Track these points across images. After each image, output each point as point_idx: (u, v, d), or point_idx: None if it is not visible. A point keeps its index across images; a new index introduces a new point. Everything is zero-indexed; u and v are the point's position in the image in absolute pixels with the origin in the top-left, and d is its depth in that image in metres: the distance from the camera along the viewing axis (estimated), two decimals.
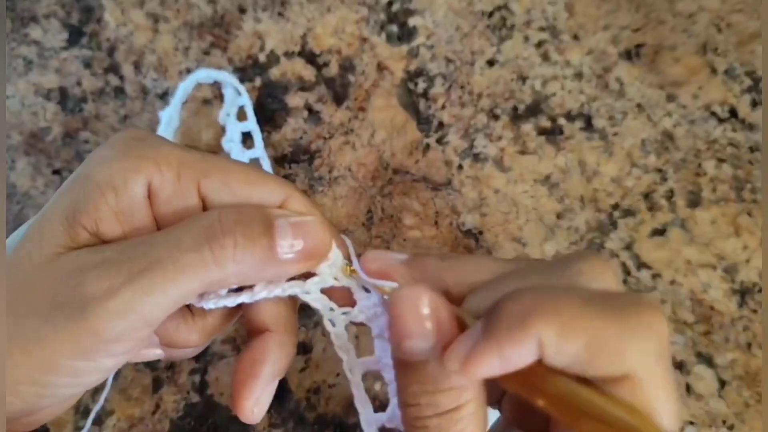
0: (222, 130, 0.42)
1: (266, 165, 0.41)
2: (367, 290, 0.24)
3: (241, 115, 0.42)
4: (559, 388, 0.17)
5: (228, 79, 0.41)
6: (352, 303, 0.24)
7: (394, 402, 0.23)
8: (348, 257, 0.24)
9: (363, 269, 0.24)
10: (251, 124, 0.41)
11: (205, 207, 0.22)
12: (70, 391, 0.21)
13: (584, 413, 0.17)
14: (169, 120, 0.40)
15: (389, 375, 0.23)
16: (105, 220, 0.21)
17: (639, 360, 0.17)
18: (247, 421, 0.23)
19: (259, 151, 0.41)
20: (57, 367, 0.20)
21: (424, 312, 0.19)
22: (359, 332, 0.39)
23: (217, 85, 0.43)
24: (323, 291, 0.24)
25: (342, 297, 0.24)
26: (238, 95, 0.41)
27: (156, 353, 0.25)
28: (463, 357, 0.18)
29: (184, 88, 0.41)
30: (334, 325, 0.24)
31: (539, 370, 0.18)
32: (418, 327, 0.19)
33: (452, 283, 0.22)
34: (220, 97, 0.43)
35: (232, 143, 0.41)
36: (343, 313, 0.24)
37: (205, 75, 0.41)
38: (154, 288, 0.20)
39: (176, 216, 0.22)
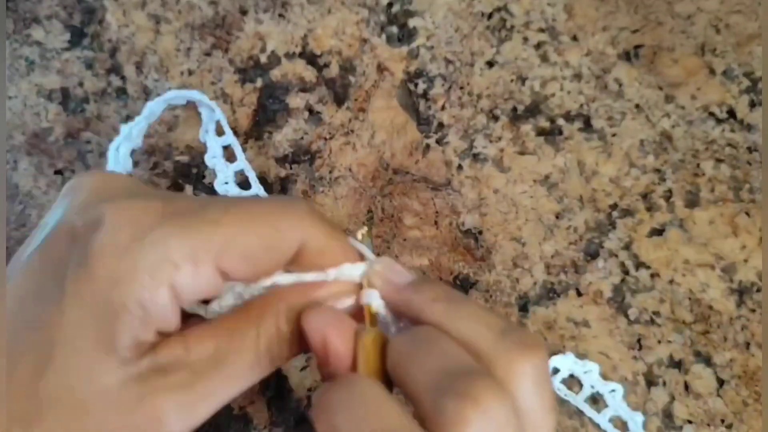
0: (206, 144, 0.42)
1: (251, 176, 0.41)
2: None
3: (220, 131, 0.42)
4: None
5: (200, 98, 0.41)
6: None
7: None
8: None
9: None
10: (229, 138, 0.41)
11: (223, 277, 0.22)
12: None
13: None
14: (128, 134, 0.39)
15: None
16: (142, 334, 0.20)
17: None
18: None
19: (241, 163, 0.41)
20: None
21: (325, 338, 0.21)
22: None
23: (217, 86, 0.43)
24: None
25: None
26: (212, 112, 0.41)
27: None
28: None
29: (151, 108, 0.39)
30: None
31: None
32: (321, 349, 0.21)
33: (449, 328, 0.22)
34: (222, 97, 0.43)
35: (215, 159, 0.41)
36: None
37: (175, 95, 0.40)
38: (218, 397, 0.21)
39: (195, 295, 0.21)
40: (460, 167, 0.42)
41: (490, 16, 0.46)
